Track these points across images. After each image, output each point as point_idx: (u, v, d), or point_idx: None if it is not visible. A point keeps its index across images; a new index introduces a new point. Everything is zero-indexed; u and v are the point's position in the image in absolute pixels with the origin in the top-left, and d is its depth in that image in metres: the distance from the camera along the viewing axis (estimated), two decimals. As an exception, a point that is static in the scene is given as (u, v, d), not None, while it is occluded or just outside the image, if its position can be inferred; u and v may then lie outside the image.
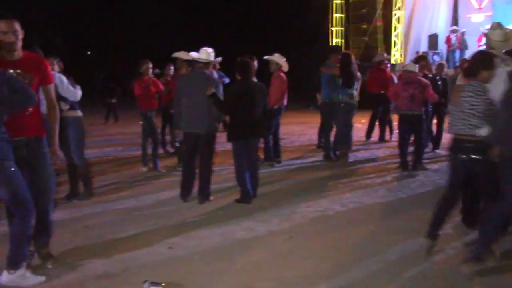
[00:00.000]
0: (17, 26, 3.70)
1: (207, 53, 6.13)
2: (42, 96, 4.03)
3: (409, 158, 7.97)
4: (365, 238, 4.92)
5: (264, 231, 5.15)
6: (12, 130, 3.69)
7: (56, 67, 5.94)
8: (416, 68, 7.89)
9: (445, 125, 9.45)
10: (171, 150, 9.63)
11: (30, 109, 3.81)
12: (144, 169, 8.08)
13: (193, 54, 6.29)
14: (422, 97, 7.59)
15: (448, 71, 11.62)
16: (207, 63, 6.11)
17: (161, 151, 9.17)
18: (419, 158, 7.86)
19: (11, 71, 3.70)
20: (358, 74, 8.81)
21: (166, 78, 9.50)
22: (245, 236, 4.98)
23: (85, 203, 6.13)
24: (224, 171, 7.78)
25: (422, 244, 4.49)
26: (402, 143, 7.84)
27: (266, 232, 5.11)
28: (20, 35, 3.73)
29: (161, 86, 8.39)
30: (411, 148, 8.07)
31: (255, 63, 7.28)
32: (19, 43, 3.73)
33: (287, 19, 25.93)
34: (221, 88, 6.30)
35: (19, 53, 3.78)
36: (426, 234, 4.50)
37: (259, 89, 6.14)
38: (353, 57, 8.74)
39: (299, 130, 13.39)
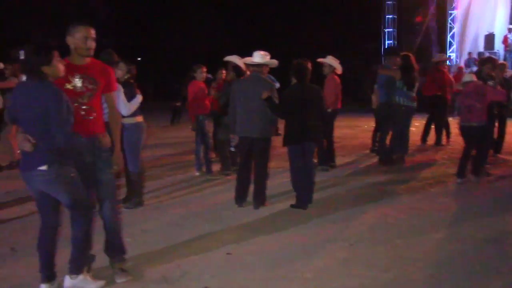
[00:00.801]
0: (93, 35, 3.77)
1: (261, 56, 6.06)
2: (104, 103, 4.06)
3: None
4: (430, 247, 4.69)
5: (323, 237, 5.01)
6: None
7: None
8: (472, 77, 7.46)
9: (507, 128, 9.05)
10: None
11: (94, 114, 3.82)
12: (198, 173, 8.09)
13: (247, 59, 6.22)
14: (482, 106, 7.06)
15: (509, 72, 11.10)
16: (261, 66, 6.03)
17: (213, 155, 9.18)
18: (481, 163, 7.48)
19: (78, 75, 3.74)
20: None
21: (218, 82, 9.49)
22: (303, 243, 4.86)
23: (142, 207, 6.16)
24: (277, 176, 7.67)
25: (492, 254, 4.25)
26: (464, 151, 7.45)
27: (325, 239, 4.96)
28: (93, 43, 3.79)
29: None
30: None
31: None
32: (92, 52, 3.81)
33: (338, 20, 25.62)
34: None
35: (86, 58, 3.82)
36: None
37: (316, 92, 6.01)
38: (413, 59, 8.48)
39: (351, 133, 13.13)
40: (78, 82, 3.75)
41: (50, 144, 3.46)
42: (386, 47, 19.88)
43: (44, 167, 3.49)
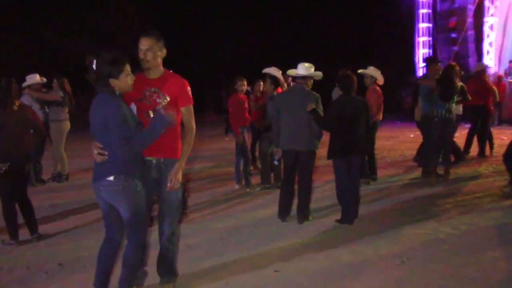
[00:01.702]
0: (155, 44, 3.66)
1: (306, 68, 5.96)
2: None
3: None
4: (488, 266, 4.47)
5: (372, 254, 4.85)
6: (146, 149, 3.66)
7: None
8: None
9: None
10: (260, 167, 9.52)
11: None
12: (237, 186, 8.02)
13: (292, 71, 6.13)
14: None
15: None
16: (306, 78, 5.93)
17: (252, 168, 9.12)
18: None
19: (148, 89, 3.71)
20: (460, 84, 8.32)
21: (256, 94, 9.43)
22: (353, 260, 4.71)
23: (184, 221, 6.10)
24: (319, 189, 7.53)
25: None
26: None
27: (375, 256, 4.80)
28: (157, 54, 3.69)
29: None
30: None
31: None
32: (155, 62, 3.70)
33: (373, 29, 25.45)
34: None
35: (158, 71, 3.76)
36: None
37: (363, 104, 5.88)
38: (457, 69, 8.24)
39: (389, 145, 12.86)
40: (147, 95, 3.73)
41: (116, 155, 3.49)
42: (421, 57, 19.54)
43: (111, 178, 3.52)
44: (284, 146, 5.93)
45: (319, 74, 6.06)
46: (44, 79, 8.83)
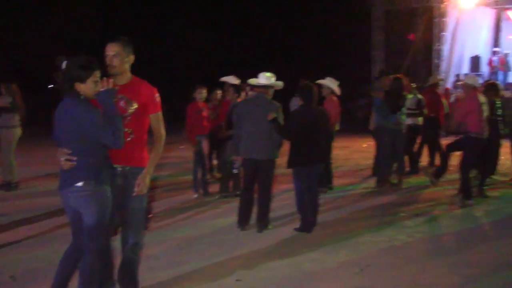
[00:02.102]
0: (122, 50, 3.60)
1: (266, 78, 6.01)
2: None
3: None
4: (443, 272, 4.62)
5: (332, 262, 4.91)
6: (112, 156, 3.60)
7: None
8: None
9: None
10: (218, 175, 9.49)
11: (130, 137, 3.66)
12: (195, 195, 7.95)
13: (253, 80, 6.17)
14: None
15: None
16: (267, 88, 5.98)
17: (211, 175, 9.11)
18: (482, 184, 7.49)
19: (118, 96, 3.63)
20: (419, 96, 8.60)
21: (213, 103, 9.41)
22: (314, 268, 4.76)
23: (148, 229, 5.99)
24: (276, 198, 7.54)
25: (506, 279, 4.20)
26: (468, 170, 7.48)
27: (335, 264, 4.87)
28: (124, 60, 3.63)
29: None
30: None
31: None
32: (122, 68, 3.64)
33: (331, 42, 25.93)
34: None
35: (126, 77, 3.69)
36: None
37: (323, 114, 5.98)
38: (404, 81, 8.51)
39: (343, 154, 13.08)
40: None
41: (86, 161, 3.43)
42: (374, 70, 20.07)
43: (80, 183, 3.46)
44: (244, 154, 5.94)
45: (280, 83, 6.12)
46: None
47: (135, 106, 3.66)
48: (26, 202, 7.70)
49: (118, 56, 3.60)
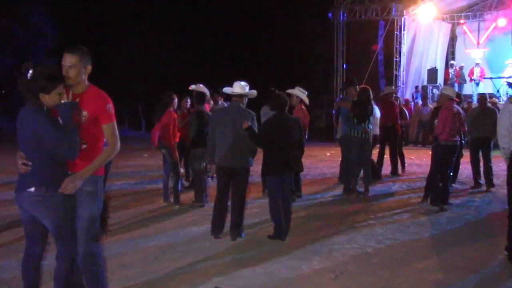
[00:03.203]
0: (79, 61, 3.56)
1: (241, 86, 6.06)
2: None
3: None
4: (415, 278, 4.77)
5: (307, 269, 4.99)
6: (68, 163, 3.61)
7: None
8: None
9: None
10: (186, 184, 9.47)
11: (83, 146, 3.63)
12: (165, 203, 7.90)
13: (227, 89, 6.21)
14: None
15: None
16: (242, 96, 6.03)
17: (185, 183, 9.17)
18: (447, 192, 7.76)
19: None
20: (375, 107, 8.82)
21: (182, 111, 9.40)
22: (289, 276, 4.82)
23: (115, 239, 5.92)
24: (247, 205, 7.59)
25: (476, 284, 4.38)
26: (433, 176, 7.79)
27: (310, 271, 4.95)
28: (81, 71, 3.58)
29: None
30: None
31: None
32: (78, 79, 3.59)
33: (297, 47, 26.29)
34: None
35: (82, 87, 3.65)
36: None
37: (295, 122, 6.08)
38: (369, 92, 8.73)
39: (308, 163, 13.19)
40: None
41: (40, 167, 3.47)
42: (337, 80, 20.48)
43: (32, 189, 3.48)
44: (219, 163, 5.96)
45: (254, 92, 6.19)
46: None
47: (86, 115, 3.61)
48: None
49: (75, 68, 3.55)
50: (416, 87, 20.05)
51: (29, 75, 3.48)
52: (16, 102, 24.40)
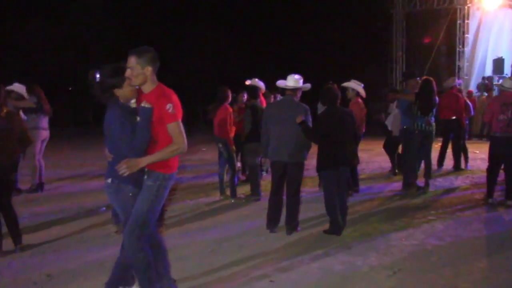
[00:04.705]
0: (136, 62, 3.63)
1: (295, 80, 6.01)
2: None
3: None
4: (479, 277, 4.58)
5: (363, 265, 4.89)
6: None
7: None
8: None
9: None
10: (243, 178, 9.53)
11: (155, 143, 3.78)
12: (222, 196, 7.98)
13: (281, 82, 6.18)
14: None
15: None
16: (295, 90, 5.99)
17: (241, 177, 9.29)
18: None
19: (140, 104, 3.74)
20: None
21: (239, 105, 9.45)
22: (345, 271, 4.74)
23: (172, 232, 6.05)
24: (303, 200, 7.53)
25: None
26: (492, 170, 7.40)
27: (366, 267, 4.85)
28: (139, 71, 3.64)
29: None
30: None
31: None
32: (138, 80, 3.67)
33: (347, 43, 25.94)
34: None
35: (148, 87, 3.72)
36: None
37: (349, 116, 5.96)
38: (433, 83, 8.41)
39: (366, 157, 13.03)
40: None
41: (116, 160, 3.70)
42: (395, 71, 19.96)
43: (108, 180, 3.78)
44: (273, 157, 5.95)
45: (308, 86, 6.12)
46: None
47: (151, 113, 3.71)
48: (55, 204, 7.82)
49: (134, 70, 3.63)
50: (483, 78, 19.17)
51: (97, 78, 3.69)
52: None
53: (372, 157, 13.14)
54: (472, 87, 19.09)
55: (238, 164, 9.53)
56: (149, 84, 3.73)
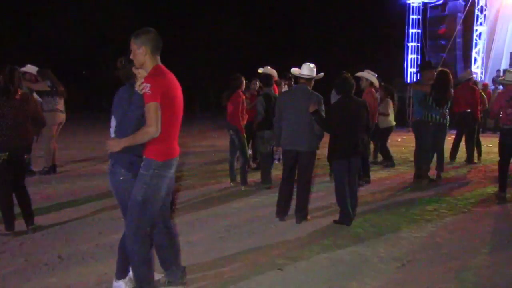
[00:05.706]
0: (133, 43, 3.65)
1: (309, 69, 5.98)
2: None
3: None
4: (487, 271, 4.55)
5: (372, 256, 4.88)
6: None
7: None
8: None
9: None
10: (254, 165, 9.53)
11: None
12: (232, 183, 8.00)
13: (295, 70, 6.14)
14: None
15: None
16: (310, 79, 5.95)
17: (253, 165, 9.30)
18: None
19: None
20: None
21: (251, 92, 9.44)
22: (354, 261, 4.74)
23: (182, 218, 6.08)
24: (313, 189, 7.52)
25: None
26: (503, 163, 7.32)
27: (375, 258, 4.84)
28: (136, 52, 3.64)
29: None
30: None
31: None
32: (138, 60, 3.67)
33: (364, 32, 25.70)
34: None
35: (147, 68, 3.69)
36: None
37: (363, 106, 5.92)
38: (449, 75, 8.30)
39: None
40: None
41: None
42: (409, 62, 19.78)
43: (111, 161, 3.77)
44: (285, 146, 5.94)
45: (321, 75, 6.09)
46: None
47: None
48: (67, 186, 7.90)
49: (132, 51, 3.68)
50: (498, 71, 18.94)
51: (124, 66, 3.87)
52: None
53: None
54: (488, 79, 18.88)
55: (249, 152, 9.56)
56: (148, 65, 3.68)
